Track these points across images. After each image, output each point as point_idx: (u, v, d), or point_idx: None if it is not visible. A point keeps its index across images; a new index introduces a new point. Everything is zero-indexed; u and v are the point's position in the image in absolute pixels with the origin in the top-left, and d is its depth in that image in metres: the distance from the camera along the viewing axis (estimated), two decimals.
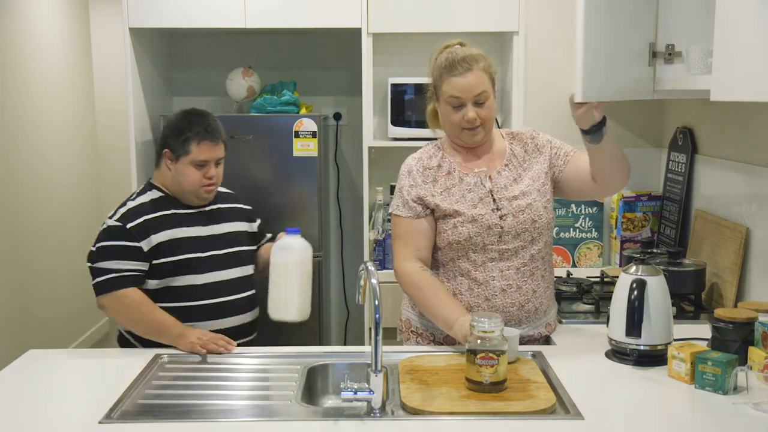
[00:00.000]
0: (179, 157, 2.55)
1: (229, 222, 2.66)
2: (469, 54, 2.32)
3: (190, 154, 2.53)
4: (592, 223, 3.55)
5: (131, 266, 2.46)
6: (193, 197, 2.59)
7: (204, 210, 2.62)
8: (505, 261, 2.31)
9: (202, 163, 2.54)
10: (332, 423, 1.86)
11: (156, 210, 2.54)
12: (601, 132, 2.26)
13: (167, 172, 2.59)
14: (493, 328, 2.00)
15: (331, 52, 4.15)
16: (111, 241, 2.48)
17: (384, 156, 3.79)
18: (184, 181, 2.56)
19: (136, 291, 2.45)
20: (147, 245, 2.48)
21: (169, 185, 2.60)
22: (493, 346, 1.98)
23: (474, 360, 1.98)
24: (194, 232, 2.56)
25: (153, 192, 2.61)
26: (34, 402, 2.03)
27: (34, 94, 4.81)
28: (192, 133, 2.53)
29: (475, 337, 2.00)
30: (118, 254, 2.46)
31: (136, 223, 2.49)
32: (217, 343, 2.32)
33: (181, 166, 2.55)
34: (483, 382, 1.98)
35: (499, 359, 1.98)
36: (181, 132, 2.54)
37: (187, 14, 3.55)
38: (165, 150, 2.57)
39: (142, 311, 2.44)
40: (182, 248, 2.52)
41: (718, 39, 2.04)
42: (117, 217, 2.52)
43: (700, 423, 1.90)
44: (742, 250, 2.62)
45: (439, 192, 2.36)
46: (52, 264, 5.00)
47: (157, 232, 2.50)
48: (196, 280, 2.52)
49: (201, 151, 2.53)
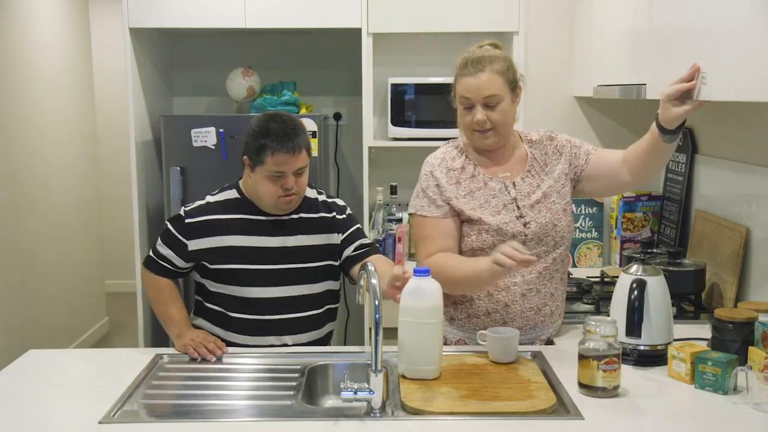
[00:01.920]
0: (255, 166, 2.39)
1: (304, 234, 2.47)
2: (486, 55, 2.25)
3: (264, 165, 2.36)
4: (592, 223, 3.55)
5: (170, 257, 2.44)
6: (270, 207, 2.44)
7: (280, 219, 2.46)
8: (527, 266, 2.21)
9: (279, 174, 2.36)
10: (332, 423, 1.86)
11: (224, 212, 2.44)
12: (680, 130, 2.20)
13: (247, 178, 2.47)
14: (613, 332, 1.99)
15: (331, 52, 4.15)
16: (170, 226, 2.47)
17: (384, 156, 3.79)
18: (261, 191, 2.41)
19: (165, 280, 2.47)
20: (195, 245, 2.41)
21: (248, 190, 2.47)
22: (615, 350, 1.97)
23: (597, 366, 1.95)
24: (255, 242, 2.43)
25: (231, 192, 2.50)
26: (34, 402, 2.03)
27: (34, 94, 4.81)
28: (267, 143, 2.34)
29: (595, 342, 1.98)
30: (168, 240, 2.45)
31: (195, 221, 2.43)
32: (207, 347, 2.30)
33: (257, 176, 2.39)
34: (607, 387, 1.97)
35: (619, 363, 1.98)
36: (257, 140, 2.36)
37: (187, 14, 3.55)
38: (244, 157, 2.44)
39: (161, 299, 2.47)
40: (233, 258, 2.41)
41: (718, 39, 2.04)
42: (188, 208, 2.48)
43: (700, 423, 1.89)
44: (742, 250, 2.62)
45: (462, 195, 2.30)
46: (52, 264, 5.00)
47: (212, 235, 2.41)
48: (246, 292, 2.42)
49: (276, 162, 2.34)
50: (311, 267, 2.48)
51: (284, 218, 2.47)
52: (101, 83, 6.24)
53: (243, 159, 2.44)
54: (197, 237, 2.42)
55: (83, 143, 5.60)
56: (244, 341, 2.43)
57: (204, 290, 2.49)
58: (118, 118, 6.02)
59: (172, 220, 2.50)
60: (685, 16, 2.39)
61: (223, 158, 3.65)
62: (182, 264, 2.46)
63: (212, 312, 2.47)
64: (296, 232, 2.47)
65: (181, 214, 2.47)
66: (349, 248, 2.52)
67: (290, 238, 2.46)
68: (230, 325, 2.44)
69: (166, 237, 2.46)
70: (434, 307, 2.07)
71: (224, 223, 2.44)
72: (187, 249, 2.43)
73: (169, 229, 2.46)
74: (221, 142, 3.64)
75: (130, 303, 3.97)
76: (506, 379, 2.08)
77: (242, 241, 2.43)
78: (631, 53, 2.86)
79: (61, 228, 5.18)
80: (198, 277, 2.50)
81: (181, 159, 3.67)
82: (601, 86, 3.13)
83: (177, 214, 2.50)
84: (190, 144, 3.65)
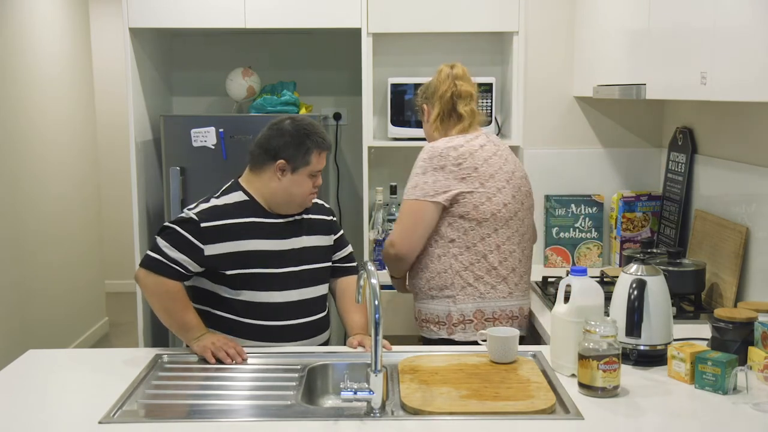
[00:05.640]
0: (297, 168, 2.40)
1: (311, 235, 2.50)
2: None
3: (310, 165, 2.41)
4: (592, 223, 3.55)
5: (183, 261, 2.35)
6: (295, 207, 2.45)
7: (288, 221, 2.46)
8: None
9: (317, 172, 2.44)
10: (332, 423, 1.86)
11: (238, 215, 2.41)
12: None
13: (271, 181, 2.43)
14: (613, 332, 2.00)
15: (331, 52, 4.15)
16: (180, 229, 2.37)
17: (384, 156, 3.79)
18: (297, 192, 2.42)
19: (177, 284, 2.37)
20: (211, 251, 2.36)
21: (262, 192, 2.44)
22: (615, 350, 1.98)
23: (597, 366, 1.96)
24: (271, 245, 2.42)
25: (238, 194, 2.45)
26: (34, 402, 2.03)
27: (34, 94, 4.81)
28: (312, 143, 2.41)
29: (594, 342, 1.98)
30: (179, 244, 2.35)
31: (211, 225, 2.36)
32: (227, 351, 2.27)
33: (298, 177, 2.41)
34: (607, 387, 1.97)
35: (619, 363, 1.98)
36: (301, 142, 2.40)
37: (187, 14, 3.54)
38: (280, 161, 2.40)
39: (175, 306, 2.36)
40: (251, 262, 2.39)
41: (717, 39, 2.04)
42: (197, 210, 2.40)
43: (700, 423, 1.90)
44: (742, 250, 2.62)
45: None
46: (52, 264, 5.00)
47: (229, 240, 2.37)
48: (262, 297, 2.40)
49: (319, 160, 2.43)
50: (319, 268, 2.50)
51: (293, 220, 2.47)
52: (101, 83, 6.24)
53: (277, 164, 2.40)
54: (214, 242, 2.36)
55: (83, 143, 5.60)
56: (255, 348, 2.38)
57: (215, 298, 2.42)
58: (118, 118, 6.02)
59: (182, 222, 2.38)
60: (684, 16, 2.39)
61: (223, 158, 3.64)
62: (195, 269, 2.37)
63: (221, 320, 2.41)
64: (304, 233, 2.48)
65: (194, 217, 2.37)
66: (337, 254, 2.59)
67: (300, 239, 2.47)
68: (242, 333, 2.40)
69: (176, 240, 2.35)
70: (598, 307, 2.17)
71: (240, 227, 2.40)
72: (203, 254, 2.35)
73: (180, 232, 2.36)
74: (221, 142, 3.64)
75: (130, 303, 3.97)
76: (506, 379, 2.09)
77: (259, 245, 2.40)
78: (631, 53, 2.86)
79: (61, 228, 5.18)
80: (209, 284, 2.42)
81: (181, 159, 3.66)
82: (601, 86, 3.13)
83: (188, 217, 2.38)
84: (190, 144, 3.64)
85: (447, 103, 2.70)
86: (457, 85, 2.69)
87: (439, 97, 2.71)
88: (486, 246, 2.60)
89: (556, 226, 3.55)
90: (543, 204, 3.56)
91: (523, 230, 2.68)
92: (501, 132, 3.71)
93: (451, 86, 2.69)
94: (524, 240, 2.69)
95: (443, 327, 2.61)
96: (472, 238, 2.59)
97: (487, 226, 2.59)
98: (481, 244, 2.59)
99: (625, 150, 3.59)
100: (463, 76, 2.72)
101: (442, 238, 2.61)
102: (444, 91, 2.70)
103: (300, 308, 2.45)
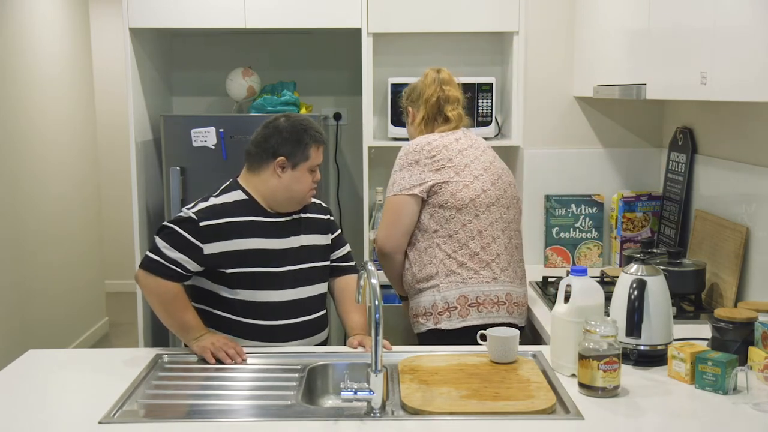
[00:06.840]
0: (297, 164, 2.41)
1: (310, 234, 2.51)
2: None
3: (309, 159, 2.42)
4: (592, 223, 3.55)
5: (182, 261, 2.34)
6: (295, 204, 2.46)
7: (287, 219, 2.47)
8: None
9: (316, 166, 2.45)
10: (332, 423, 1.86)
11: (238, 214, 2.40)
12: None
13: (271, 179, 2.42)
14: (613, 332, 2.00)
15: (331, 52, 4.15)
16: (179, 228, 2.36)
17: (384, 156, 3.79)
18: (297, 188, 2.43)
19: (176, 285, 2.36)
20: (211, 249, 2.35)
21: (262, 191, 2.44)
22: (615, 350, 1.98)
23: (597, 366, 1.96)
24: (272, 244, 2.42)
25: (237, 193, 2.45)
26: (34, 402, 2.03)
27: (34, 94, 4.81)
28: (309, 138, 2.42)
29: (594, 342, 1.98)
30: (178, 244, 2.34)
31: (210, 224, 2.36)
32: (227, 352, 2.27)
33: (298, 173, 2.42)
34: (607, 387, 1.97)
35: (619, 363, 1.98)
36: (299, 138, 2.42)
37: (187, 14, 3.54)
38: (280, 158, 2.41)
39: (175, 307, 2.36)
40: (251, 261, 2.39)
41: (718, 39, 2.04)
42: (196, 210, 2.39)
43: (700, 423, 1.90)
44: (742, 250, 2.62)
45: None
46: (52, 264, 5.00)
47: (228, 239, 2.37)
48: (262, 296, 2.40)
49: (318, 155, 2.45)
50: (317, 267, 2.51)
51: (291, 219, 2.47)
52: (101, 83, 6.24)
53: (277, 161, 2.40)
54: (213, 240, 2.36)
55: (83, 143, 5.60)
56: (255, 347, 2.38)
57: (214, 297, 2.42)
58: (118, 118, 6.02)
59: (181, 222, 2.38)
60: (684, 16, 2.39)
61: (223, 158, 3.64)
62: (194, 268, 2.37)
63: (220, 319, 2.41)
64: (303, 232, 2.48)
65: (193, 216, 2.37)
66: (335, 253, 2.60)
67: (299, 238, 2.47)
68: (241, 332, 2.39)
69: (175, 240, 2.35)
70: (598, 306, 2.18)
71: (240, 226, 2.39)
72: (202, 253, 2.35)
73: (178, 231, 2.35)
74: (221, 142, 3.64)
75: (130, 303, 3.97)
76: (506, 379, 2.09)
77: (258, 243, 2.40)
78: (631, 53, 2.86)
79: (61, 228, 5.18)
80: (209, 284, 2.42)
81: (181, 159, 3.67)
82: (601, 86, 3.13)
83: (187, 216, 2.38)
84: (190, 144, 3.64)
85: (433, 107, 2.74)
86: (445, 90, 2.74)
87: (425, 101, 2.75)
88: (467, 232, 2.61)
89: (557, 226, 3.55)
90: (543, 204, 3.56)
91: (508, 218, 2.69)
92: (501, 132, 3.71)
93: (437, 91, 2.74)
94: (510, 228, 2.69)
95: (430, 317, 2.62)
96: (454, 225, 2.61)
97: (467, 212, 2.61)
98: (463, 231, 2.61)
99: (625, 150, 3.59)
100: (449, 80, 2.77)
101: (426, 230, 2.64)
102: (430, 95, 2.74)
103: (299, 307, 2.45)
